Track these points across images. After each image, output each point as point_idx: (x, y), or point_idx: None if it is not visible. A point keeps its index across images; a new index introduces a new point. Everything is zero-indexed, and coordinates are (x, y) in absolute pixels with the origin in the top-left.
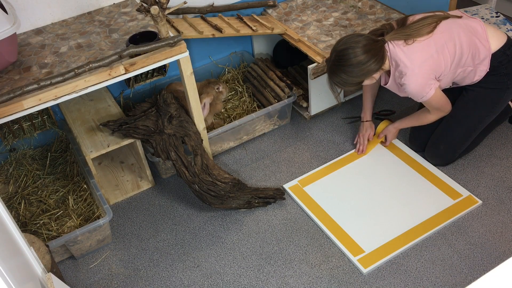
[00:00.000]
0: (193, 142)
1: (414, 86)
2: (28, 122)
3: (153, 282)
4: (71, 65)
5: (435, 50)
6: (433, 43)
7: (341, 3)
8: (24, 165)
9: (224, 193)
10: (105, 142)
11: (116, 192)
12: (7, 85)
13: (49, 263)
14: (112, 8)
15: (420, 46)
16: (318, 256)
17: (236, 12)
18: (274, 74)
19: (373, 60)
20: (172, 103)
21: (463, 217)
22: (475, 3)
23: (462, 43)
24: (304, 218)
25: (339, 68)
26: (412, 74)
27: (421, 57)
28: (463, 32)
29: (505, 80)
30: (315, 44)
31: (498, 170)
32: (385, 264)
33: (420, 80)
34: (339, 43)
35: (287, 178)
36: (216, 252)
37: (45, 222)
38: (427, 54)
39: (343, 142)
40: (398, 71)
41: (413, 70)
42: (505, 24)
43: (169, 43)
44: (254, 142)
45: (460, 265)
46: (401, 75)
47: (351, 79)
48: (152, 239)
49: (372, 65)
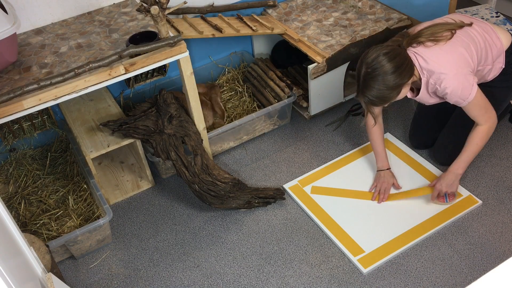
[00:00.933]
0: (193, 142)
1: (457, 87)
2: (28, 122)
3: (153, 282)
4: (71, 65)
5: (463, 48)
6: (458, 43)
7: (341, 3)
8: (24, 165)
9: (224, 193)
10: (105, 142)
11: (116, 192)
12: (7, 85)
13: (49, 263)
14: (112, 8)
15: (446, 48)
16: (318, 256)
17: (236, 12)
18: (274, 74)
19: (405, 64)
20: (172, 103)
21: (463, 217)
22: (475, 3)
23: (480, 43)
24: (304, 218)
25: (374, 79)
26: (450, 77)
27: (452, 58)
28: (479, 34)
29: (511, 79)
30: (315, 44)
31: (498, 170)
32: (385, 264)
33: (461, 79)
34: (365, 56)
35: (287, 178)
36: (216, 252)
37: (45, 222)
38: (456, 54)
39: (343, 142)
40: (434, 78)
41: (450, 72)
42: (505, 24)
43: (169, 43)
44: (254, 142)
45: (460, 265)
46: (439, 81)
47: (387, 91)
48: (152, 239)
49: (406, 69)
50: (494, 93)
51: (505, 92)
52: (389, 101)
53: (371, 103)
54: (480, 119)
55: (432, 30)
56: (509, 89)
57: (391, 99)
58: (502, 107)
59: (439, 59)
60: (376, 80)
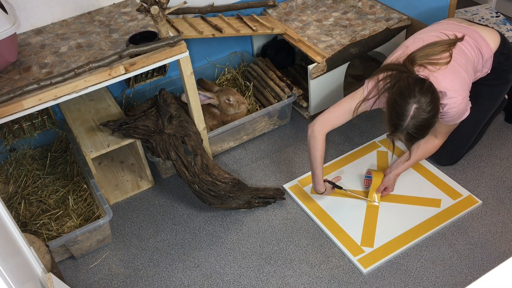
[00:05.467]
0: (193, 142)
1: (461, 110)
2: (28, 122)
3: (153, 282)
4: (71, 65)
5: (464, 72)
6: (458, 67)
7: (341, 3)
8: (24, 165)
9: (224, 193)
10: (105, 142)
11: (116, 192)
12: (7, 85)
13: (49, 263)
14: (112, 8)
15: (451, 71)
16: (318, 256)
17: (236, 12)
18: (274, 74)
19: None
20: (172, 103)
21: (463, 217)
22: (475, 3)
23: (474, 57)
24: (304, 218)
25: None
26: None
27: (458, 81)
28: (471, 48)
29: (504, 75)
30: (315, 44)
31: (498, 170)
32: (385, 264)
33: (465, 103)
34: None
35: (287, 178)
36: (216, 252)
37: (45, 222)
38: (461, 78)
39: (343, 142)
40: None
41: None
42: (505, 24)
43: (169, 43)
44: (254, 142)
45: (460, 265)
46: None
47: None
48: (152, 239)
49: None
50: (489, 90)
51: (500, 87)
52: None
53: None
54: (443, 136)
55: (426, 52)
56: (503, 84)
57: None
58: (499, 101)
59: (447, 82)
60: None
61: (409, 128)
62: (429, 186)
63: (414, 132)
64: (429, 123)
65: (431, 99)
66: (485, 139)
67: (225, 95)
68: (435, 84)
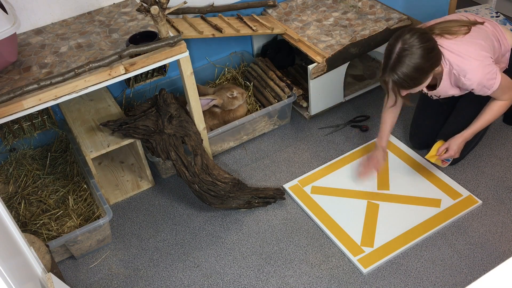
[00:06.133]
0: (193, 142)
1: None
2: (28, 122)
3: (153, 282)
4: (71, 65)
5: (482, 40)
6: (476, 36)
7: (341, 3)
8: (24, 165)
9: (224, 193)
10: (105, 142)
11: (116, 192)
12: (7, 85)
13: (49, 263)
14: (112, 8)
15: (467, 40)
16: (318, 256)
17: (236, 12)
18: (274, 74)
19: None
20: (172, 103)
21: (463, 217)
22: (475, 3)
23: (493, 41)
24: (304, 218)
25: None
26: (474, 67)
27: (474, 49)
28: (491, 33)
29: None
30: (315, 44)
31: (498, 170)
32: (385, 264)
33: (485, 70)
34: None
35: (287, 178)
36: (216, 252)
37: (45, 222)
38: (478, 45)
39: (343, 142)
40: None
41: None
42: (505, 24)
43: (169, 43)
44: (254, 142)
45: (460, 265)
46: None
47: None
48: (152, 239)
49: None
50: None
51: None
52: (415, 86)
53: (398, 84)
54: (503, 97)
55: (445, 25)
56: None
57: (417, 84)
58: None
59: (461, 50)
60: (411, 57)
61: (395, 70)
62: (429, 186)
63: (399, 75)
64: (415, 69)
65: (422, 46)
66: (485, 139)
67: (227, 91)
68: (450, 50)
